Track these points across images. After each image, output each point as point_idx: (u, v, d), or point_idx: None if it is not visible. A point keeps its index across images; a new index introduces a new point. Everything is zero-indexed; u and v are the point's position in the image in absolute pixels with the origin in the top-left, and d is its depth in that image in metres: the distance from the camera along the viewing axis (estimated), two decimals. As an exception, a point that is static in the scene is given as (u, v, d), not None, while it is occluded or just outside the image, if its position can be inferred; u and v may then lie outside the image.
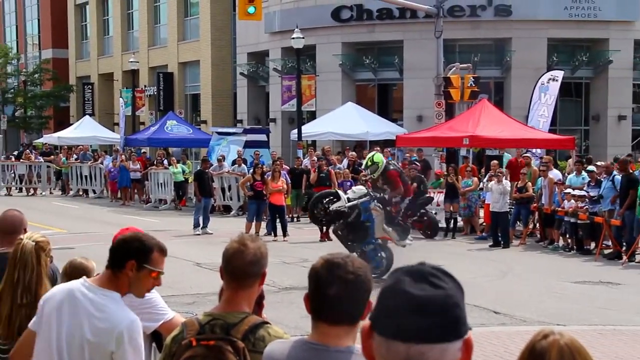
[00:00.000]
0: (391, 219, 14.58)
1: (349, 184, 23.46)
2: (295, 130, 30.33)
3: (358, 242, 14.53)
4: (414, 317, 1.80)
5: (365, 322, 1.93)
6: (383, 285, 1.90)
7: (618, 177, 17.83)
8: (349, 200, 14.52)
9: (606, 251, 17.76)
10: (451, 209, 21.29)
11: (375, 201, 14.55)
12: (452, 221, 21.29)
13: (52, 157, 37.36)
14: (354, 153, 27.54)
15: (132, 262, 3.69)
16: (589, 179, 18.63)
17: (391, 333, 1.83)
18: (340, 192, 15.47)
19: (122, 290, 3.70)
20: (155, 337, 4.33)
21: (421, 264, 1.90)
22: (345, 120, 30.24)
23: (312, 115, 35.01)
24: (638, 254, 17.15)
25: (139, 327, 3.69)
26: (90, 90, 54.17)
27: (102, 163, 33.66)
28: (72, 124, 46.08)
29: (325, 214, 14.84)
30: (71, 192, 34.96)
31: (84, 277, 3.83)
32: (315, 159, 25.41)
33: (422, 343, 1.81)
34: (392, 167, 15.29)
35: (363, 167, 15.28)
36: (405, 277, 1.86)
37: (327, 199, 14.91)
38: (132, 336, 3.61)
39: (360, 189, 15.28)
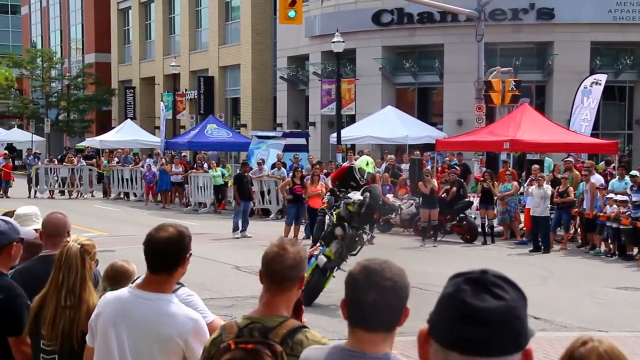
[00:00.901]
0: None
1: (388, 187, 23.46)
2: (335, 134, 30.36)
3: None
4: (473, 329, 1.78)
5: (423, 327, 1.91)
6: (443, 291, 1.87)
7: (661, 182, 17.59)
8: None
9: (649, 257, 17.52)
10: (486, 215, 21.04)
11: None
12: (489, 228, 21.02)
13: (94, 160, 37.82)
14: (392, 156, 27.50)
15: (188, 256, 3.82)
16: (632, 184, 18.39)
17: (449, 343, 1.81)
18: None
19: (171, 288, 3.81)
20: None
21: (483, 272, 1.86)
22: (384, 124, 30.18)
23: (352, 119, 35.01)
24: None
25: (204, 323, 3.81)
26: (132, 94, 54.74)
27: (142, 167, 33.98)
28: (114, 128, 46.63)
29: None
30: (112, 195, 35.34)
31: (130, 284, 3.91)
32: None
33: (480, 356, 1.79)
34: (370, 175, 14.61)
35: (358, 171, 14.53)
36: (466, 286, 1.83)
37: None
38: (199, 332, 3.73)
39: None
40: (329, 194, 14.11)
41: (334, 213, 13.11)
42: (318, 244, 13.04)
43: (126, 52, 58.96)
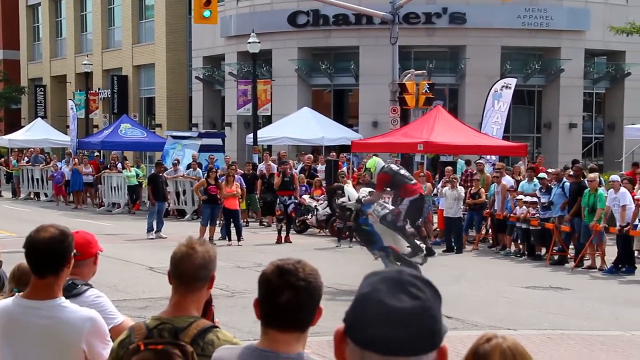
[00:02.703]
0: (396, 224, 13.85)
1: (303, 188, 23.53)
2: (251, 135, 30.28)
3: (366, 245, 14.25)
4: (389, 329, 1.78)
5: (339, 326, 1.90)
6: (359, 290, 1.86)
7: (567, 184, 18.11)
8: (357, 199, 14.29)
9: (556, 257, 18.01)
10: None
11: (375, 205, 13.96)
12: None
13: (3, 159, 36.76)
14: (311, 156, 27.59)
15: (73, 255, 3.70)
16: (540, 186, 18.88)
17: (366, 343, 1.81)
18: (347, 187, 15.23)
19: (60, 291, 3.68)
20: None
21: (399, 271, 1.86)
22: (301, 125, 30.26)
23: (268, 120, 34.98)
24: (586, 259, 17.42)
25: (101, 319, 3.69)
26: (42, 92, 53.49)
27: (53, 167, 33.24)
28: (23, 126, 45.43)
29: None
30: (22, 196, 34.46)
31: (16, 295, 3.76)
32: (271, 163, 25.39)
33: (397, 356, 1.79)
34: (384, 170, 14.45)
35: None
36: (382, 286, 1.83)
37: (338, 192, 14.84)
38: (98, 331, 3.63)
39: (367, 190, 14.57)
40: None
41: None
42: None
43: (36, 50, 57.54)
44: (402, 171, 14.85)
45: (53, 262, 3.63)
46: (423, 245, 14.28)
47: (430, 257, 14.19)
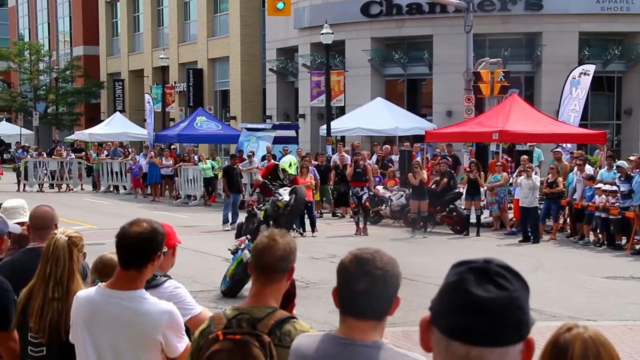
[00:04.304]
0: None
1: (377, 179, 23.48)
2: (324, 126, 30.33)
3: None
4: (475, 319, 1.78)
5: (425, 315, 1.92)
6: (446, 279, 1.87)
7: (649, 172, 17.67)
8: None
9: (637, 246, 17.60)
10: (472, 206, 20.99)
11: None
12: (476, 218, 20.98)
13: (84, 153, 37.71)
14: (388, 146, 27.51)
15: (160, 254, 3.78)
16: (619, 174, 18.46)
17: (451, 333, 1.82)
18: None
19: (142, 284, 3.77)
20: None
21: (487, 261, 1.86)
22: (374, 116, 30.19)
23: (341, 111, 34.99)
24: (670, 249, 16.97)
25: (178, 313, 3.78)
26: (120, 87, 54.58)
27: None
28: (102, 121, 46.49)
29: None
30: (102, 188, 35.26)
31: (100, 284, 3.88)
32: (344, 154, 25.41)
33: (483, 346, 1.79)
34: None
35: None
36: (469, 276, 1.83)
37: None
38: (175, 324, 3.72)
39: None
40: (258, 189, 14.29)
41: (262, 209, 13.36)
42: (244, 238, 13.01)
43: (114, 45, 58.74)
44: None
45: (138, 256, 3.73)
46: None
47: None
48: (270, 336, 3.16)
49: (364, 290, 2.60)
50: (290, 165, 14.52)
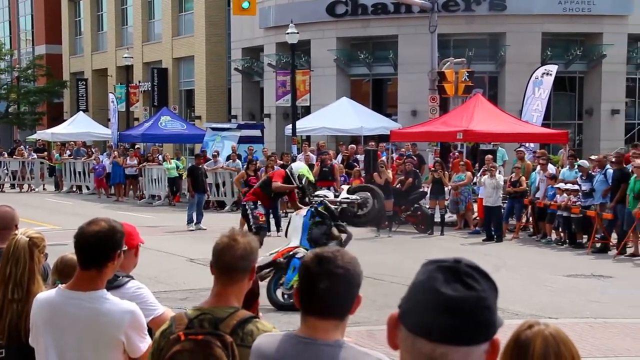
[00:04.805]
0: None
1: (342, 178, 23.54)
2: (290, 126, 30.33)
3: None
4: (443, 318, 1.79)
5: (393, 312, 1.93)
6: (415, 278, 1.89)
7: (610, 171, 17.90)
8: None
9: (598, 245, 17.83)
10: (437, 205, 21.08)
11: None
12: (440, 217, 21.10)
13: (46, 153, 37.30)
14: (353, 146, 27.57)
15: (120, 252, 3.75)
16: (581, 173, 18.69)
17: (418, 330, 1.83)
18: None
19: (103, 284, 3.74)
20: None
21: (457, 261, 1.87)
22: (339, 115, 30.24)
23: (307, 111, 35.01)
24: (629, 247, 17.21)
25: (140, 313, 3.76)
26: (84, 86, 54.08)
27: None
28: (65, 120, 46.00)
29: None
30: (65, 189, 34.92)
31: (60, 286, 3.84)
32: (310, 154, 25.43)
33: (449, 344, 1.81)
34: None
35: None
36: (438, 275, 1.84)
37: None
38: (137, 324, 3.70)
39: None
40: (251, 201, 14.06)
41: (318, 210, 12.60)
42: (299, 243, 12.24)
43: (78, 44, 58.18)
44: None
45: (97, 256, 3.69)
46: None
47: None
48: (233, 336, 3.16)
49: (326, 289, 2.61)
50: (307, 171, 14.20)
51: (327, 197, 13.08)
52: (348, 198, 13.19)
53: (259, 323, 3.24)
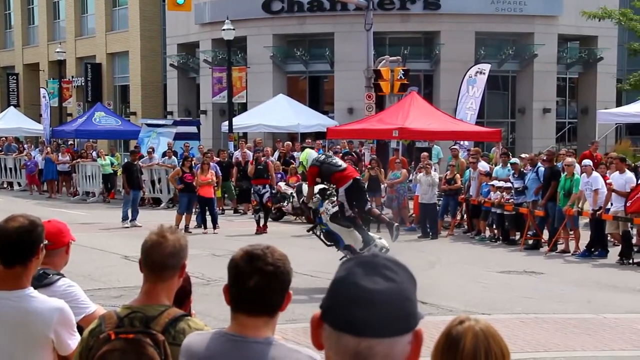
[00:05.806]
0: (345, 218, 13.36)
1: (279, 175, 23.51)
2: (226, 122, 30.18)
3: (333, 244, 13.57)
4: (363, 311, 1.81)
5: (315, 312, 1.93)
6: (335, 275, 1.89)
7: (542, 169, 18.24)
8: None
9: (530, 241, 18.16)
10: (373, 202, 21.18)
11: (326, 203, 13.52)
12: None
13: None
14: (289, 143, 27.54)
15: (42, 246, 3.69)
16: (513, 171, 19.00)
17: (341, 326, 1.84)
18: (304, 185, 14.75)
19: (28, 281, 3.67)
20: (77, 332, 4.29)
21: (374, 255, 1.90)
22: (276, 112, 30.22)
23: (243, 107, 34.90)
24: (560, 244, 17.57)
25: (69, 310, 3.69)
26: (14, 81, 52.97)
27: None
28: (-5, 115, 44.96)
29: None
30: (-5, 185, 34.18)
31: None
32: (247, 151, 25.33)
33: (372, 337, 1.82)
34: (312, 163, 14.23)
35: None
36: (357, 269, 1.85)
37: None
38: (66, 321, 3.63)
39: (318, 187, 13.90)
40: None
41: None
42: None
43: (8, 37, 56.94)
44: (331, 159, 14.00)
45: (21, 252, 3.62)
46: (376, 236, 13.92)
47: (394, 235, 14.19)
48: (165, 335, 3.12)
49: (255, 286, 2.60)
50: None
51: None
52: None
53: (190, 321, 3.21)
